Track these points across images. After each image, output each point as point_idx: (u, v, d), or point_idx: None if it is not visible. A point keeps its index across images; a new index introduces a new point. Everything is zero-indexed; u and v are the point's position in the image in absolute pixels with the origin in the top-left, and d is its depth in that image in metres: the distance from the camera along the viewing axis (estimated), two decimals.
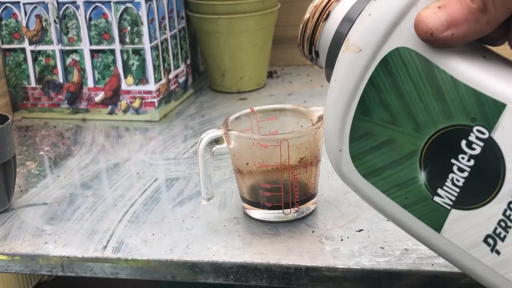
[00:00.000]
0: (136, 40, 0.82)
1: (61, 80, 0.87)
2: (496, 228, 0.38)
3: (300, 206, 0.57)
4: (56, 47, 0.86)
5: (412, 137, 0.40)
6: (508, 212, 0.37)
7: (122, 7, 0.81)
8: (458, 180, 0.38)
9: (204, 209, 0.60)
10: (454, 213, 0.39)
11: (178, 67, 0.92)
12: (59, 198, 0.64)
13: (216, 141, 0.56)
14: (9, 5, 0.85)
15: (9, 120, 0.60)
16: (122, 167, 0.71)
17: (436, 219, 0.40)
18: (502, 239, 0.38)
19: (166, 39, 0.87)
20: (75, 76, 0.86)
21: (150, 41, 0.82)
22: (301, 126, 0.58)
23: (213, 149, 0.56)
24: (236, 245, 0.54)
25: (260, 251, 0.53)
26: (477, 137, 0.37)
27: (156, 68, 0.84)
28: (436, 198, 0.40)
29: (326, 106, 0.43)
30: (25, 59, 0.87)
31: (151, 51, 0.83)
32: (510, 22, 0.38)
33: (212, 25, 0.91)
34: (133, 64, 0.83)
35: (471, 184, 0.38)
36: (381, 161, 0.41)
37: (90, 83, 0.86)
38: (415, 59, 0.39)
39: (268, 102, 0.89)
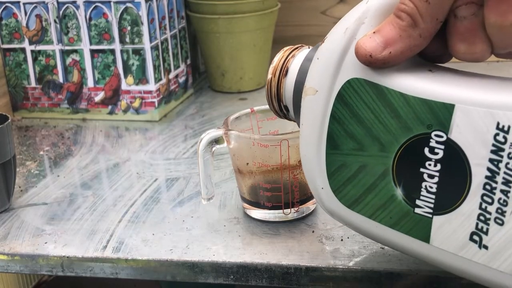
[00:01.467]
0: (136, 40, 0.82)
1: (61, 80, 0.87)
2: (477, 224, 0.39)
3: (300, 206, 0.57)
4: (56, 47, 0.86)
5: (380, 157, 0.42)
6: (483, 205, 0.38)
7: (122, 7, 0.81)
8: (431, 187, 0.40)
9: (204, 209, 0.60)
10: (436, 220, 0.41)
11: (178, 67, 0.92)
12: (59, 198, 0.64)
13: (216, 141, 0.56)
14: (9, 5, 0.85)
15: (9, 120, 0.60)
16: (122, 167, 0.71)
17: (422, 230, 0.41)
18: (486, 233, 0.39)
19: (166, 39, 0.87)
20: (75, 76, 0.86)
21: (150, 41, 0.82)
22: None
23: (213, 149, 0.56)
24: (236, 245, 0.54)
25: (260, 251, 0.53)
26: (437, 142, 0.39)
27: (156, 68, 0.84)
28: (417, 210, 0.41)
29: (301, 152, 0.46)
30: (25, 59, 0.87)
31: (151, 51, 0.83)
32: (444, 33, 0.40)
33: (212, 25, 0.91)
34: (133, 64, 0.83)
35: (444, 187, 0.40)
36: (360, 188, 0.44)
37: (90, 83, 0.86)
38: (365, 86, 0.41)
39: None
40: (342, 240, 0.53)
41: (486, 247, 0.39)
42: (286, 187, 0.55)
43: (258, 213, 0.57)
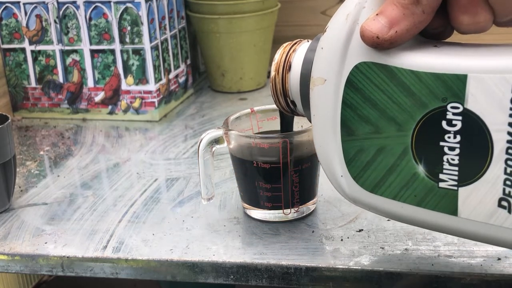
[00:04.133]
0: (136, 40, 0.82)
1: (61, 80, 0.87)
2: (504, 189, 0.39)
3: (300, 206, 0.57)
4: (56, 47, 0.86)
5: (398, 137, 0.42)
6: (508, 170, 0.38)
7: (122, 7, 0.81)
8: (453, 159, 0.40)
9: (204, 209, 0.60)
10: (462, 191, 0.40)
11: (178, 67, 0.92)
12: (59, 198, 0.64)
13: (216, 141, 0.56)
14: (9, 5, 0.85)
15: (9, 120, 0.60)
16: (122, 167, 0.71)
17: (449, 204, 0.41)
18: None
19: (166, 39, 0.87)
20: (75, 76, 0.86)
21: (150, 41, 0.82)
22: (301, 126, 0.58)
23: (213, 149, 0.56)
24: (236, 245, 0.54)
25: (260, 251, 0.53)
26: (454, 113, 0.39)
27: (156, 68, 0.84)
28: (441, 184, 0.41)
29: (315, 143, 0.46)
30: (25, 59, 0.87)
31: (151, 51, 0.83)
32: (446, 7, 0.40)
33: (212, 25, 0.91)
34: (133, 64, 0.83)
35: (466, 158, 0.40)
36: (380, 171, 0.43)
37: (90, 83, 0.86)
38: (374, 68, 0.41)
39: (268, 102, 0.88)
40: (342, 240, 0.53)
41: None
42: (286, 187, 0.55)
43: (258, 213, 0.57)
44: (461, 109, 0.39)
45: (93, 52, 0.84)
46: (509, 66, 0.37)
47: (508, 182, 0.39)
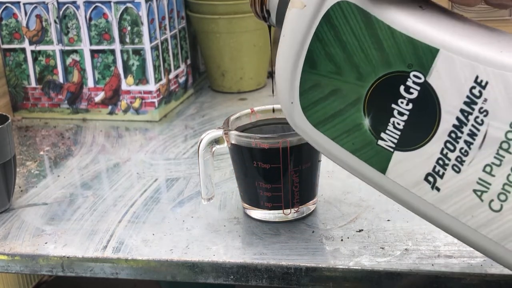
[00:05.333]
0: (136, 40, 0.82)
1: (61, 80, 0.87)
2: (435, 167, 0.40)
3: (300, 207, 0.57)
4: (56, 47, 0.86)
5: (356, 85, 0.42)
6: (445, 151, 0.40)
7: (122, 7, 0.81)
8: (398, 124, 0.41)
9: (204, 209, 0.60)
10: (397, 155, 0.42)
11: (178, 67, 0.92)
12: (59, 198, 0.64)
13: (216, 141, 0.56)
14: (9, 5, 0.85)
15: (9, 120, 0.60)
16: (122, 167, 0.71)
17: (381, 161, 0.43)
18: (441, 177, 0.40)
19: (166, 39, 0.87)
20: (75, 76, 0.86)
21: (150, 41, 0.82)
22: None
23: (213, 149, 0.56)
24: (236, 245, 0.54)
25: (260, 251, 0.53)
26: (414, 82, 0.40)
27: (156, 68, 0.84)
28: (380, 142, 0.42)
29: (277, 62, 0.46)
30: (25, 59, 0.87)
31: (151, 51, 0.83)
32: None
33: (212, 25, 0.91)
34: (133, 64, 0.83)
35: (410, 127, 0.41)
36: (329, 110, 0.44)
37: (90, 83, 0.86)
38: (355, 11, 0.41)
39: (268, 102, 0.88)
40: (342, 240, 0.53)
41: (438, 189, 0.41)
42: (286, 187, 0.55)
43: (258, 213, 0.57)
44: (422, 80, 0.40)
45: (93, 52, 0.84)
46: (480, 55, 0.38)
47: (440, 162, 0.40)
